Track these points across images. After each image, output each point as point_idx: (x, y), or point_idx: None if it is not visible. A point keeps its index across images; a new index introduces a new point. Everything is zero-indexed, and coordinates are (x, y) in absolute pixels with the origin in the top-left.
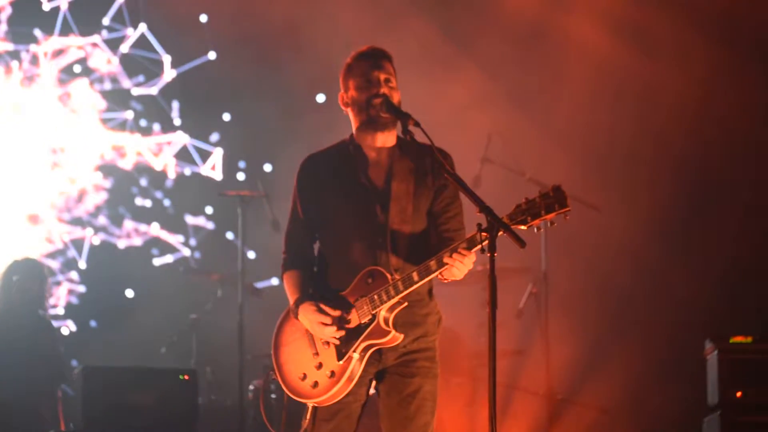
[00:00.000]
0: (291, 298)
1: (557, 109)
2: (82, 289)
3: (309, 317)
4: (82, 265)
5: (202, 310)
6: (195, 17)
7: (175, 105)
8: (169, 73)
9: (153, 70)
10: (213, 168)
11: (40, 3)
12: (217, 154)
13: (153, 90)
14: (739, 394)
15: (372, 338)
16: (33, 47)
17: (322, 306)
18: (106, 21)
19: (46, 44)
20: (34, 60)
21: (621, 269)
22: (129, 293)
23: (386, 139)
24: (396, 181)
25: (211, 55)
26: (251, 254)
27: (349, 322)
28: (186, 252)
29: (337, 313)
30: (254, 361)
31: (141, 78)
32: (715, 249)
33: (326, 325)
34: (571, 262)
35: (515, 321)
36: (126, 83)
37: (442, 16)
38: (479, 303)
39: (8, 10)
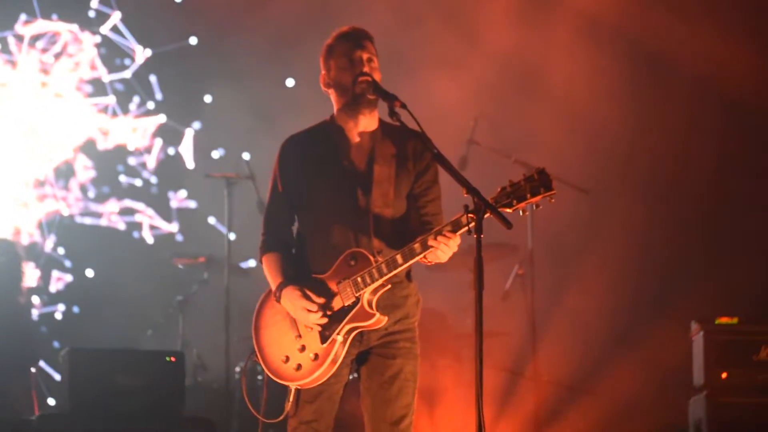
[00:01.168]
0: (273, 282)
1: (544, 91)
2: (68, 276)
3: (293, 303)
4: (50, 244)
5: (188, 292)
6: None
7: (156, 87)
8: (140, 58)
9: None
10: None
11: None
12: (188, 136)
13: (126, 73)
14: (724, 375)
15: (356, 321)
16: (18, 28)
17: (307, 291)
18: (94, 4)
19: (29, 28)
20: (17, 42)
21: (607, 250)
22: (113, 275)
23: (368, 121)
24: (378, 165)
25: (192, 40)
26: (231, 236)
27: (332, 305)
28: (169, 230)
29: (321, 300)
30: (241, 343)
31: (127, 61)
32: (700, 230)
33: (310, 311)
34: (557, 243)
35: (501, 303)
36: (108, 66)
37: None
38: (465, 285)
39: None
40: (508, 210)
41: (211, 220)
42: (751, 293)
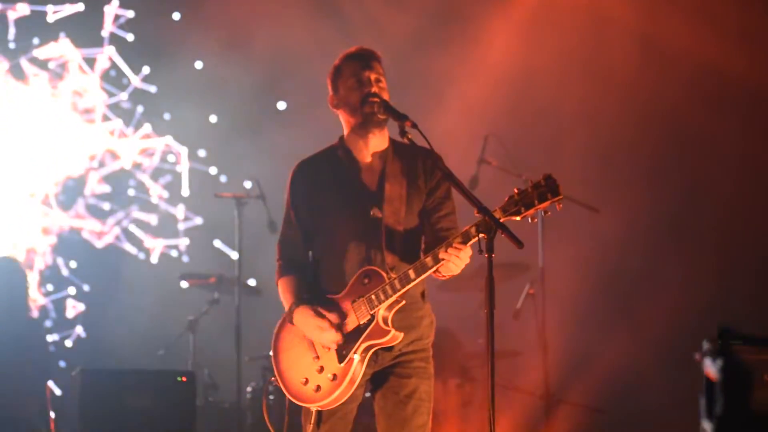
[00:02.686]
0: (286, 304)
1: (555, 110)
2: (81, 304)
3: (306, 322)
4: (58, 263)
5: (199, 311)
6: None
7: (167, 109)
8: (136, 81)
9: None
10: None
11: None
12: (184, 156)
13: (124, 95)
14: None
15: (372, 338)
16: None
17: (320, 310)
18: (107, 26)
19: (40, 51)
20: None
21: (619, 270)
22: (124, 295)
23: (379, 141)
24: (389, 183)
25: (198, 65)
26: (234, 255)
27: (347, 324)
28: (174, 254)
29: (333, 316)
30: (251, 363)
31: (133, 81)
32: (713, 249)
33: (324, 330)
34: (568, 263)
35: (512, 322)
36: (117, 86)
37: (436, 12)
38: (477, 304)
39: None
40: (516, 218)
41: (217, 242)
42: (764, 312)
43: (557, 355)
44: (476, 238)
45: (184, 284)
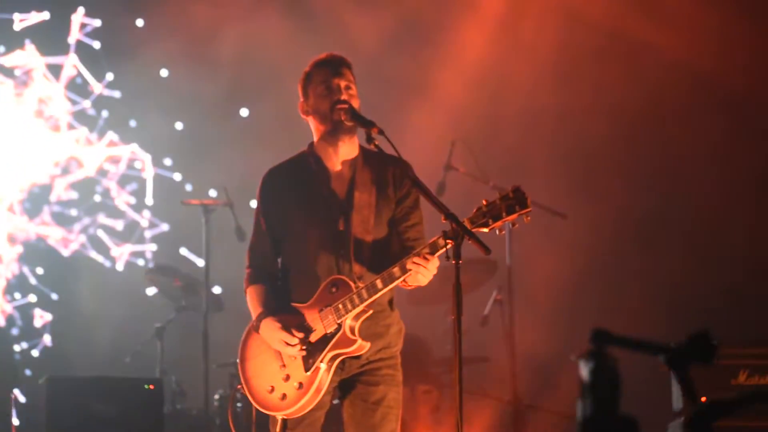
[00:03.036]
0: (253, 313)
1: (521, 116)
2: (48, 314)
3: (272, 334)
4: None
5: (165, 318)
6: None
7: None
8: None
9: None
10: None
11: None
12: (148, 164)
13: (87, 103)
14: (703, 399)
15: (338, 348)
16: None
17: (286, 323)
18: (74, 34)
19: (6, 58)
20: None
21: (587, 275)
22: (90, 303)
23: (348, 149)
24: (358, 191)
25: (163, 72)
26: (200, 262)
27: (313, 332)
28: (140, 262)
29: (300, 333)
30: (219, 370)
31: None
32: (675, 252)
33: (288, 344)
34: (536, 268)
35: (480, 328)
36: (82, 94)
37: (407, 12)
38: (444, 310)
39: None
40: (484, 229)
41: (183, 250)
42: (729, 315)
43: (525, 361)
44: (444, 249)
45: (149, 291)
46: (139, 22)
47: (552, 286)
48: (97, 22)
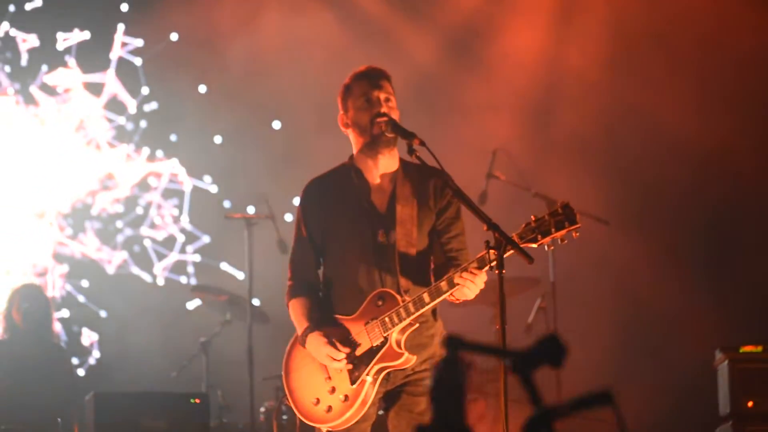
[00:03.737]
0: (299, 327)
1: (562, 123)
2: (94, 334)
3: (318, 349)
4: (68, 287)
5: (211, 332)
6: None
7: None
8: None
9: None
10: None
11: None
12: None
13: (127, 119)
14: (750, 403)
15: (385, 361)
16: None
17: (333, 338)
18: (116, 50)
19: (50, 77)
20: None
21: (630, 281)
22: (136, 318)
23: (389, 162)
24: (400, 205)
25: (201, 89)
26: (240, 275)
27: (359, 345)
28: (183, 278)
29: (346, 349)
30: (265, 383)
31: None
32: (723, 258)
33: (334, 360)
34: (580, 275)
35: (524, 336)
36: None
37: (442, 30)
38: (489, 318)
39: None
40: (533, 245)
41: (224, 265)
42: None
43: (570, 368)
44: (491, 264)
45: (190, 305)
46: (174, 36)
47: (594, 293)
48: (138, 42)
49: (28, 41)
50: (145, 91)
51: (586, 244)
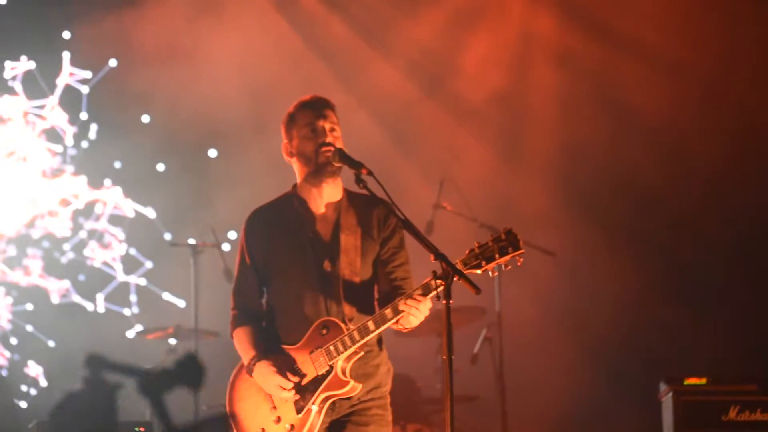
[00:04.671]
0: (245, 357)
1: (511, 152)
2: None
3: (266, 378)
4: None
5: (155, 361)
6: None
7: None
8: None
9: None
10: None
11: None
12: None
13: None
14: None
15: (330, 389)
16: None
17: (281, 367)
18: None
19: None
20: None
21: (574, 311)
22: (78, 347)
23: (332, 191)
24: (344, 234)
25: (144, 119)
26: (181, 303)
27: (305, 375)
28: (126, 312)
29: (295, 378)
30: (209, 411)
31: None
32: (670, 290)
33: (284, 389)
34: (525, 305)
35: (470, 366)
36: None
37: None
38: (435, 349)
39: None
40: (477, 271)
41: (166, 295)
42: (720, 352)
43: (516, 398)
44: (436, 291)
45: (130, 334)
46: (113, 62)
47: (540, 323)
48: (86, 74)
49: None
50: (84, 116)
51: (531, 274)
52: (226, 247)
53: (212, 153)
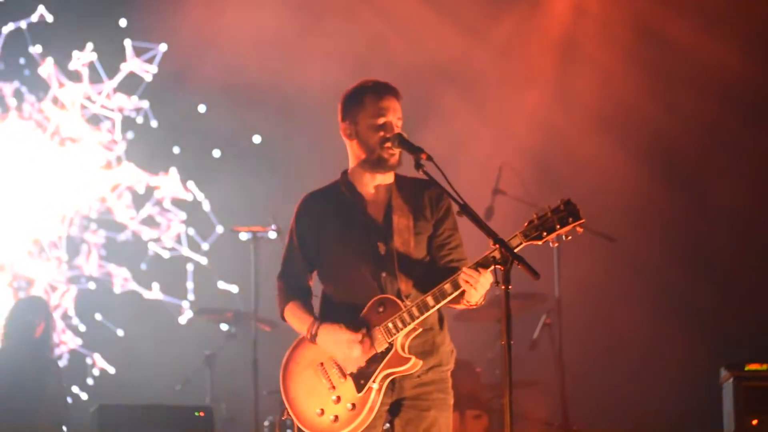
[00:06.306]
0: (303, 324)
1: (567, 139)
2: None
3: (335, 336)
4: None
5: (216, 346)
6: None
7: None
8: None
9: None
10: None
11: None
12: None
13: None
14: (755, 422)
15: (391, 366)
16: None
17: (346, 323)
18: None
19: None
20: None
21: (634, 297)
22: (138, 333)
23: (384, 176)
24: (396, 216)
25: (201, 108)
26: (234, 288)
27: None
28: (186, 302)
29: (359, 334)
30: (269, 397)
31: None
32: (730, 274)
33: (354, 343)
34: (584, 292)
35: (529, 352)
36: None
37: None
38: (493, 335)
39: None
40: (538, 242)
41: (221, 284)
42: None
43: (575, 385)
44: (494, 266)
45: (182, 319)
46: (163, 47)
47: (599, 310)
48: (147, 77)
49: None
50: (150, 107)
51: (591, 260)
52: (272, 235)
53: (256, 139)
